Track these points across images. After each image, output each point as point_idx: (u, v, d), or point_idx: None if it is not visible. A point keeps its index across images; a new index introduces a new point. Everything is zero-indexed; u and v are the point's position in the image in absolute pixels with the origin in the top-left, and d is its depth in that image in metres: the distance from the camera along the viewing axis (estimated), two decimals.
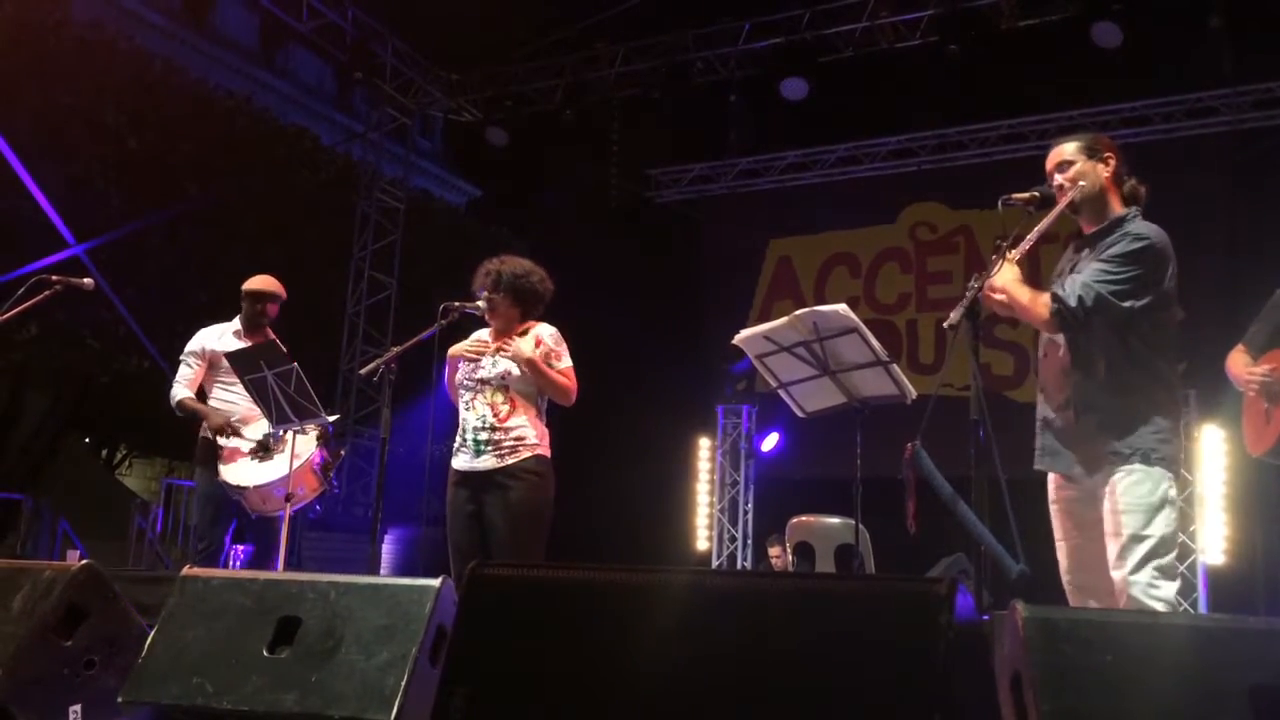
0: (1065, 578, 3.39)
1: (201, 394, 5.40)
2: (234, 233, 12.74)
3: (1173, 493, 3.19)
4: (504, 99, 11.61)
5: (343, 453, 5.12)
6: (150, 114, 12.58)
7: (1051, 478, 3.42)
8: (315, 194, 13.90)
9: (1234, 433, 8.12)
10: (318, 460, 5.04)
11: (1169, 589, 3.08)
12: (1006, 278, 3.26)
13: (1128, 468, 3.17)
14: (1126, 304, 3.18)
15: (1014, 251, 3.27)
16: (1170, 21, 9.26)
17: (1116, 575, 3.13)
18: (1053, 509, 3.42)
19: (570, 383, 4.36)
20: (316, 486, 5.08)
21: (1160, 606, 3.04)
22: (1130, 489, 3.16)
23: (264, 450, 5.11)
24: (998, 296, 3.26)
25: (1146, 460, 3.17)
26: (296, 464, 4.92)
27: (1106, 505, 3.20)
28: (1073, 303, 3.18)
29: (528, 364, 4.24)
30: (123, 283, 10.81)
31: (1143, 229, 3.27)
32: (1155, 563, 3.09)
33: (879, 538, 7.03)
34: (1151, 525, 3.12)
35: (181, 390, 5.33)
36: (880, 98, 11.00)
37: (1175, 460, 3.24)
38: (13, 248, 10.11)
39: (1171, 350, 3.32)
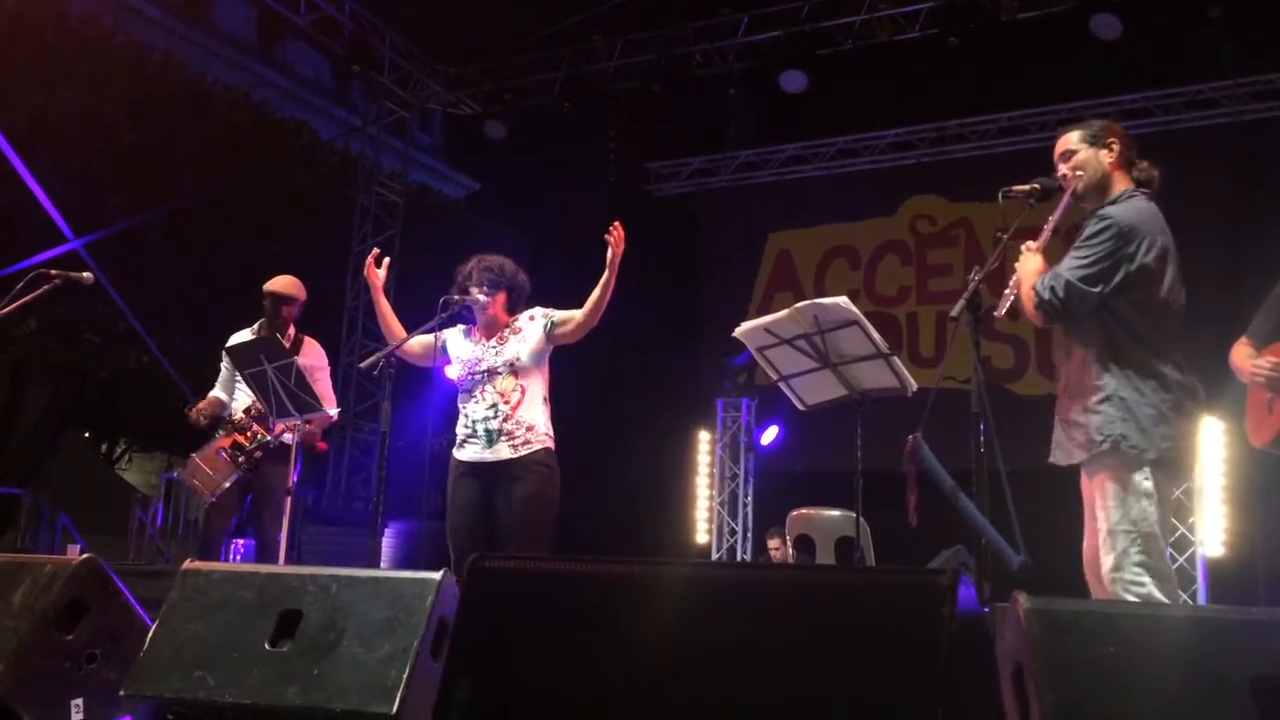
0: (1085, 565, 3.38)
1: None
2: (232, 227, 12.73)
3: (1147, 484, 3.09)
4: (502, 92, 11.59)
5: (267, 437, 5.13)
6: (148, 108, 12.56)
7: (1082, 471, 3.42)
8: (314, 188, 13.89)
9: (1233, 425, 8.13)
10: (225, 444, 5.09)
11: (1153, 586, 3.03)
12: (1027, 269, 3.26)
13: (1101, 456, 3.16)
14: (1097, 289, 3.15)
15: (1035, 243, 3.27)
16: (1170, 13, 9.24)
17: (1102, 569, 3.13)
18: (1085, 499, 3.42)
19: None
20: (227, 470, 5.10)
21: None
22: (1105, 481, 3.15)
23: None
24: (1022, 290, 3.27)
25: (1116, 449, 3.12)
26: (201, 450, 5.07)
27: (1097, 498, 3.21)
28: (1046, 295, 3.18)
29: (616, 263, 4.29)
30: (122, 277, 10.78)
31: (1110, 210, 3.23)
32: (1136, 558, 3.06)
33: (879, 530, 7.02)
34: (1125, 519, 3.09)
35: (213, 391, 5.55)
36: (880, 90, 10.97)
37: (1151, 449, 3.11)
38: (11, 242, 10.10)
39: (1157, 333, 3.21)
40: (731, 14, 10.40)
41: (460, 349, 4.46)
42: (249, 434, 5.10)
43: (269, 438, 5.12)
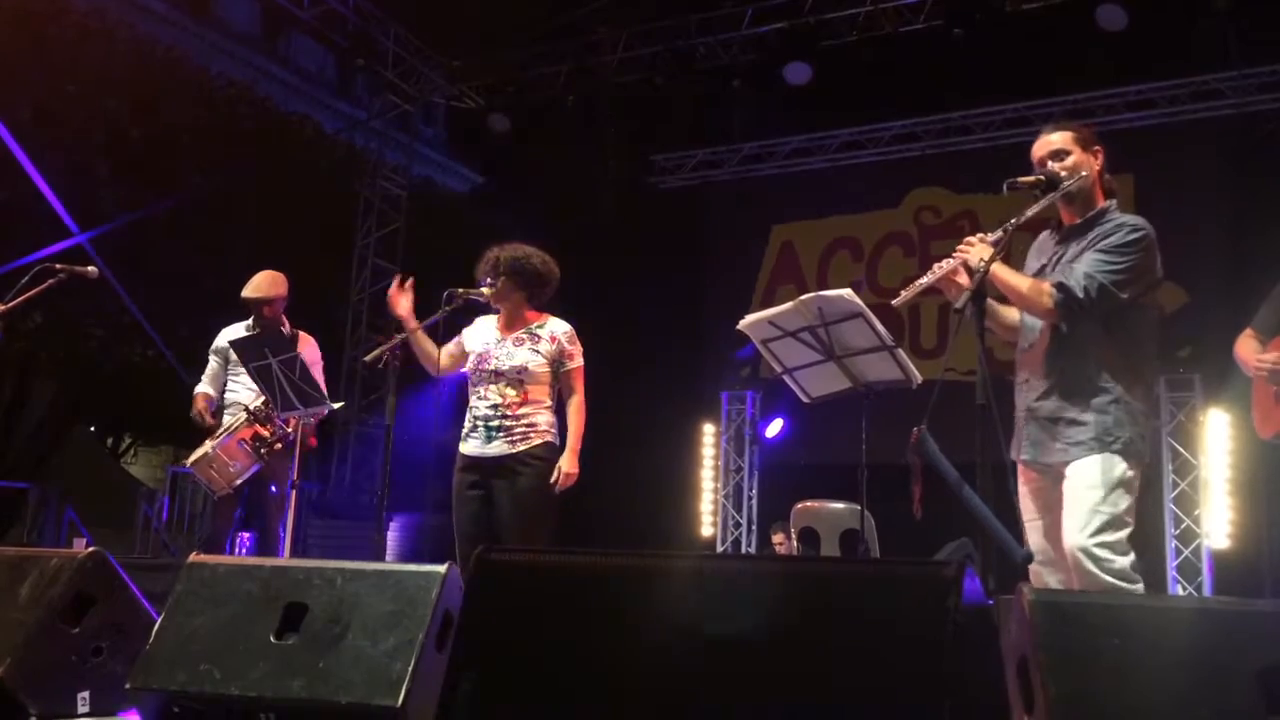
0: (1041, 559, 3.39)
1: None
2: (236, 221, 12.73)
3: (1130, 474, 3.21)
4: (506, 85, 11.58)
5: (289, 430, 5.12)
6: (152, 102, 12.56)
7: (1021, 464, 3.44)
8: (317, 182, 13.89)
9: (1239, 417, 8.11)
10: (246, 435, 5.08)
11: (1123, 561, 3.12)
12: (1000, 263, 3.27)
13: (1100, 454, 3.20)
14: (1125, 294, 3.21)
15: (991, 235, 3.26)
16: (1175, 4, 9.21)
17: (1069, 543, 3.17)
18: (1021, 490, 3.44)
19: (579, 397, 4.40)
20: (247, 462, 5.10)
21: (1110, 579, 3.08)
22: (1092, 468, 3.20)
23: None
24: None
25: (1124, 451, 3.20)
26: (219, 441, 5.05)
27: (1067, 485, 3.23)
28: (1080, 294, 3.20)
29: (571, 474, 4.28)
30: (126, 272, 10.80)
31: (1136, 220, 3.30)
32: (1107, 536, 3.13)
33: (884, 523, 7.03)
34: (1106, 501, 3.16)
35: (199, 386, 5.56)
36: (884, 82, 10.94)
37: (1148, 451, 3.29)
38: (16, 237, 10.11)
39: (1151, 340, 3.34)
40: (735, 6, 10.37)
41: (478, 338, 4.45)
42: (271, 425, 5.11)
43: (289, 429, 5.12)
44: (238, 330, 5.54)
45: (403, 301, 4.43)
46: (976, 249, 3.24)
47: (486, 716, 2.27)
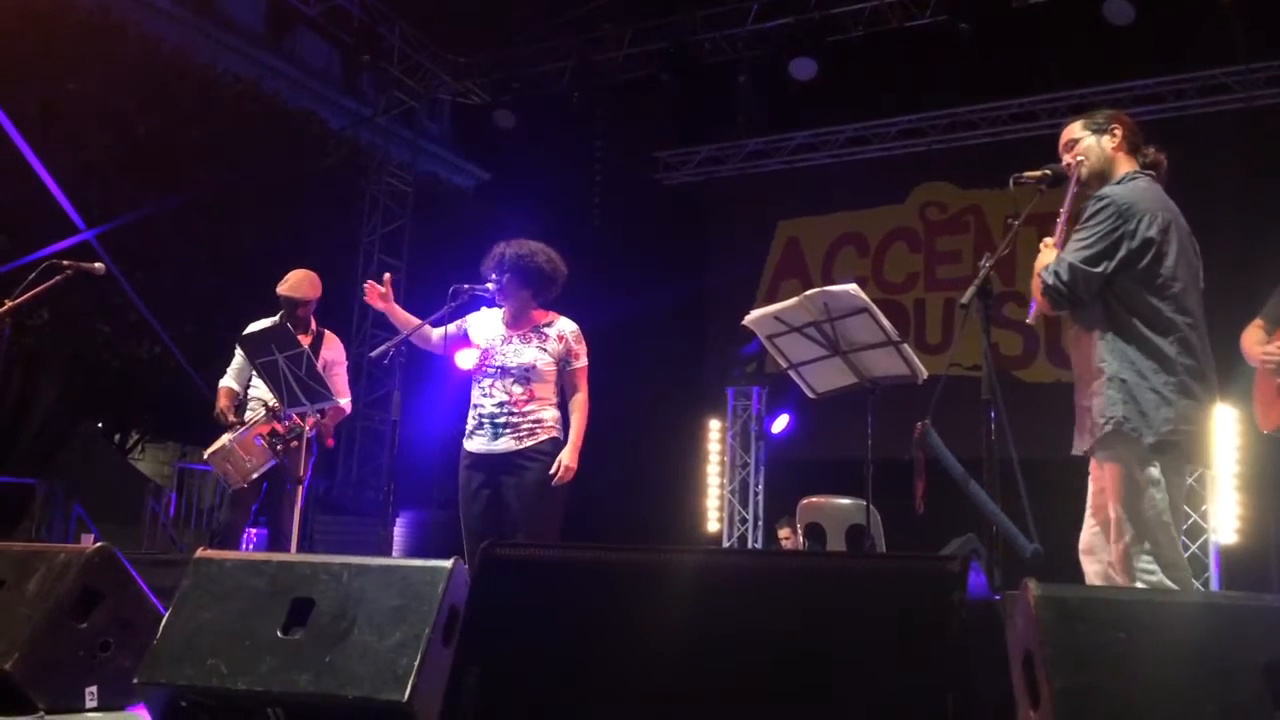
0: (1082, 549, 3.36)
1: None
2: (243, 217, 12.75)
3: (1154, 472, 3.04)
4: (511, 81, 11.58)
5: (303, 425, 5.12)
6: (158, 99, 12.56)
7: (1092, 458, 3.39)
8: (323, 178, 13.89)
9: (1246, 411, 8.07)
10: (264, 432, 5.11)
11: (1162, 575, 3.00)
12: (1041, 262, 3.25)
13: (1106, 440, 3.13)
14: (1099, 269, 3.12)
15: (1052, 238, 3.26)
16: None
17: (1112, 557, 3.12)
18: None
19: (583, 394, 4.44)
20: (263, 458, 5.12)
21: None
22: (1114, 469, 3.12)
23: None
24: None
25: (1118, 431, 3.08)
26: (238, 435, 5.08)
27: (1108, 486, 3.18)
28: (1050, 280, 3.17)
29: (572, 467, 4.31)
30: (133, 268, 10.82)
31: (1108, 190, 3.21)
32: (1146, 546, 3.02)
33: (890, 519, 7.00)
34: (1133, 507, 3.05)
35: (224, 380, 5.59)
36: (890, 77, 10.93)
37: (1151, 432, 3.05)
38: (23, 233, 10.13)
39: (1160, 311, 3.12)
40: (740, 2, 10.36)
41: (483, 332, 4.45)
42: (287, 423, 5.13)
43: (305, 426, 5.13)
44: (264, 325, 5.53)
45: (381, 297, 4.50)
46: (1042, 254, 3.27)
47: (492, 711, 2.28)
